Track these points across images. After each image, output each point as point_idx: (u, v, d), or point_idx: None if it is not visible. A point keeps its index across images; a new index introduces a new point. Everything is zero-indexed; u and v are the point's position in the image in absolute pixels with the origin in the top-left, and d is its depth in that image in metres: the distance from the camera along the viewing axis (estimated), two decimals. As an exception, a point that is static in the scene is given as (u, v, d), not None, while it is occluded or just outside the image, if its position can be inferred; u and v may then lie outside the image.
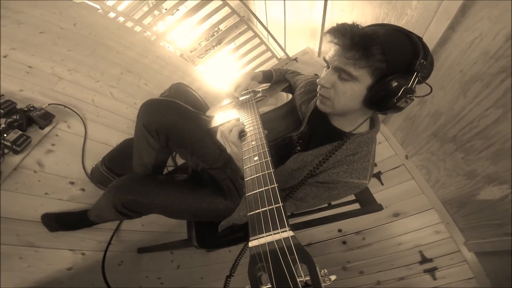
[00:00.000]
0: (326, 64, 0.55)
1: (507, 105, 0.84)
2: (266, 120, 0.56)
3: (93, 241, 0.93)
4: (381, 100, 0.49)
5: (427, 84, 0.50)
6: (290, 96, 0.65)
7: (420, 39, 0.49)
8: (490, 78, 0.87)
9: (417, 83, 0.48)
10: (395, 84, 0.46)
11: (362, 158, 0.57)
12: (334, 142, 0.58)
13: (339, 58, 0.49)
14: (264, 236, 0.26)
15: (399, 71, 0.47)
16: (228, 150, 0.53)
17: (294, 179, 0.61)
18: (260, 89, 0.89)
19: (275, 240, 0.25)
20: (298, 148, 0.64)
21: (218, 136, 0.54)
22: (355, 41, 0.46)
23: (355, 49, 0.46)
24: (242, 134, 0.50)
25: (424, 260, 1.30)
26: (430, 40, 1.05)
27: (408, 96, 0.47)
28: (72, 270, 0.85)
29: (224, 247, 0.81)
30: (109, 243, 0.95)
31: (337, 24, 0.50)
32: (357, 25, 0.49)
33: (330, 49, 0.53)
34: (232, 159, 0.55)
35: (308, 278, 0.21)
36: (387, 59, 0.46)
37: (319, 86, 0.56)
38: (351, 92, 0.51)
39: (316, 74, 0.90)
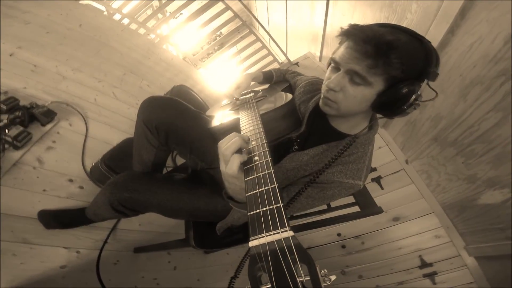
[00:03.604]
0: (333, 65, 0.54)
1: (507, 108, 0.84)
2: (267, 120, 0.56)
3: (89, 240, 0.92)
4: (390, 106, 0.49)
5: (433, 89, 0.50)
6: (290, 96, 0.65)
7: (429, 43, 0.49)
8: (489, 81, 0.88)
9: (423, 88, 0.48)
10: (406, 91, 0.46)
11: (358, 159, 0.56)
12: (331, 142, 0.58)
13: (355, 62, 0.47)
14: (264, 236, 0.26)
15: (411, 77, 0.47)
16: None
17: (288, 180, 0.60)
18: (260, 89, 0.90)
19: (275, 240, 0.25)
20: (296, 147, 0.64)
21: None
22: (382, 50, 0.44)
23: (376, 57, 0.45)
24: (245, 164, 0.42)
25: (424, 264, 1.28)
26: None
27: (416, 102, 0.47)
28: (66, 268, 0.83)
29: (223, 248, 0.80)
30: (105, 242, 0.94)
31: (351, 25, 0.49)
32: (376, 28, 0.47)
33: (339, 49, 0.51)
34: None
35: (308, 278, 0.21)
36: (404, 68, 0.45)
37: (326, 89, 0.54)
38: (361, 97, 0.50)
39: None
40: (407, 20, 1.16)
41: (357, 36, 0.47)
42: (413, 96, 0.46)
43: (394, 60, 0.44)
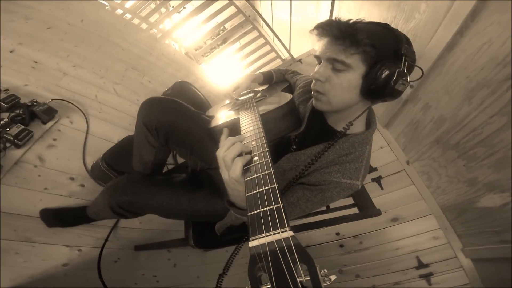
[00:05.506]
0: (317, 62, 0.56)
1: (512, 113, 0.83)
2: (266, 120, 0.56)
3: (90, 238, 0.94)
4: (378, 86, 0.50)
5: (418, 67, 0.52)
6: (290, 96, 0.64)
7: (395, 28, 0.52)
8: (496, 85, 0.86)
9: (408, 68, 0.50)
10: (388, 68, 0.48)
11: (355, 159, 0.56)
12: (328, 142, 0.58)
13: (330, 49, 0.51)
14: (264, 236, 0.26)
15: (388, 57, 0.49)
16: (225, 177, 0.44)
17: (286, 181, 0.60)
18: (260, 89, 0.89)
19: (275, 240, 0.25)
20: (294, 147, 0.64)
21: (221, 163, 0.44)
22: (343, 30, 0.49)
23: (344, 37, 0.48)
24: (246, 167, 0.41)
25: (421, 265, 1.29)
26: (438, 44, 1.04)
27: (403, 78, 0.49)
28: (67, 266, 0.85)
29: (221, 248, 0.81)
30: (106, 240, 0.95)
31: (319, 22, 0.54)
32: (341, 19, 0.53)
33: (318, 46, 0.54)
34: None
35: (308, 278, 0.21)
36: (374, 45, 0.48)
37: (313, 82, 0.56)
38: (347, 83, 0.51)
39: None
40: (415, 20, 1.14)
41: (323, 26, 0.52)
42: (397, 72, 0.48)
43: (360, 37, 0.47)
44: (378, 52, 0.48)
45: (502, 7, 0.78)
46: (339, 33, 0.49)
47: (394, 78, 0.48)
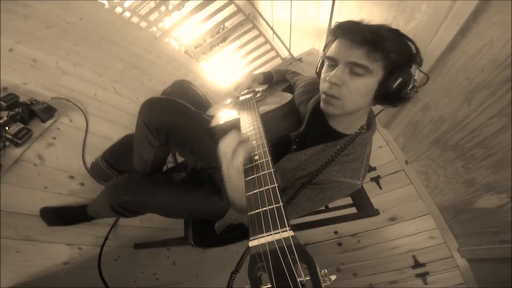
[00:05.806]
0: (328, 63, 0.54)
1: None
2: (267, 120, 0.56)
3: (91, 236, 0.94)
4: (394, 92, 0.50)
5: (424, 73, 0.53)
6: (290, 96, 0.64)
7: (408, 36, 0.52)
8: (496, 86, 0.86)
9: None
10: (405, 75, 0.49)
11: (356, 159, 0.57)
12: (328, 142, 0.58)
13: (351, 53, 0.49)
14: (264, 236, 0.26)
15: (404, 64, 0.50)
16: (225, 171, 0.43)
17: (287, 181, 0.61)
18: (260, 89, 0.89)
19: (275, 240, 0.25)
20: (294, 147, 0.64)
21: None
22: (368, 35, 0.47)
23: (370, 44, 0.47)
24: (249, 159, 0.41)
25: (417, 264, 1.30)
26: (438, 45, 1.04)
27: (416, 86, 0.50)
28: (68, 265, 0.85)
29: (221, 246, 0.81)
30: (106, 238, 0.95)
31: (340, 22, 0.53)
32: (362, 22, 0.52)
33: (332, 46, 0.53)
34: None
35: (308, 278, 0.21)
36: (397, 52, 0.48)
37: (327, 85, 0.53)
38: (365, 88, 0.51)
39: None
40: (416, 20, 1.13)
41: (349, 27, 0.50)
42: (412, 79, 0.49)
43: (387, 44, 0.47)
44: (398, 59, 0.49)
45: (505, 8, 0.78)
46: (371, 37, 0.47)
47: (410, 85, 0.49)
